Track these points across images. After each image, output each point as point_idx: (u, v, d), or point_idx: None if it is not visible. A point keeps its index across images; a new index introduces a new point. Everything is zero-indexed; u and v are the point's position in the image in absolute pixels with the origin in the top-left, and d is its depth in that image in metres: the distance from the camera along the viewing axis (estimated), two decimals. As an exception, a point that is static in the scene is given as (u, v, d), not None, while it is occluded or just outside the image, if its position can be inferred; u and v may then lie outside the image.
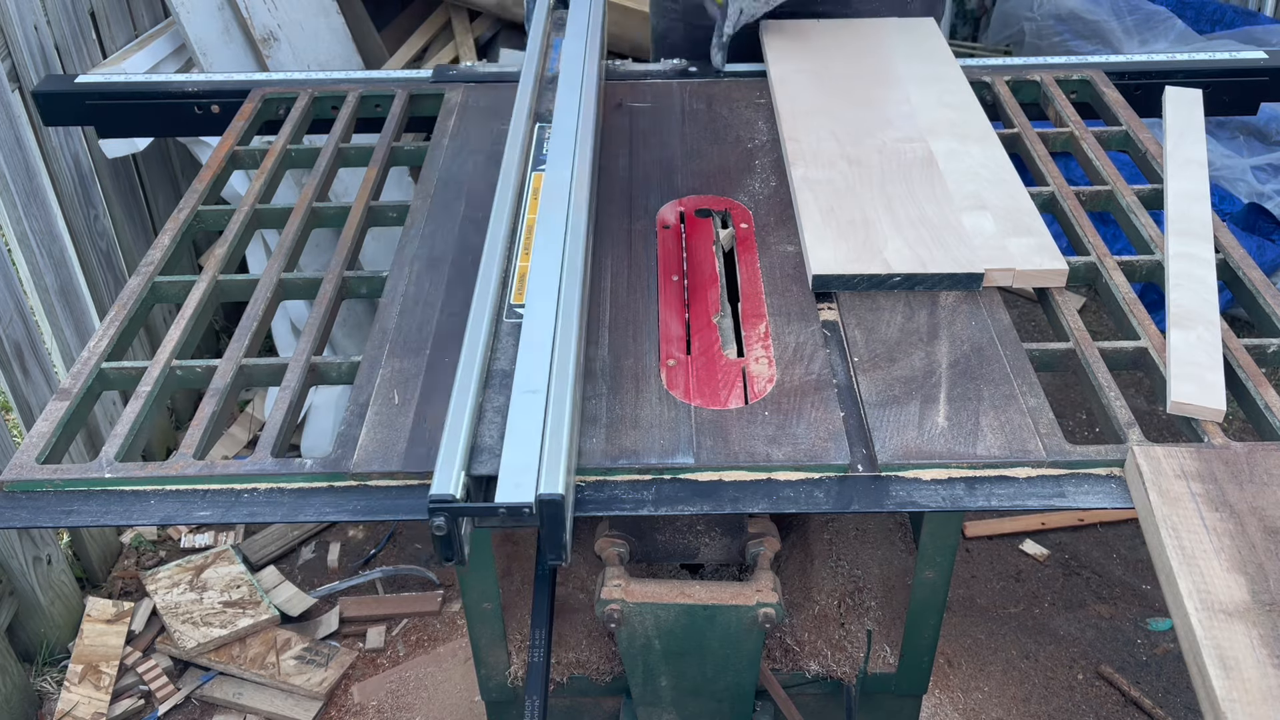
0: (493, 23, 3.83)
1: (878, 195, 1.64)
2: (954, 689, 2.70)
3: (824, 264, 1.50)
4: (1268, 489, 1.18)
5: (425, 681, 2.72)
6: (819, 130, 1.80)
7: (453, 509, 1.12)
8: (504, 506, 1.10)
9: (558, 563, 1.15)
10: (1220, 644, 1.04)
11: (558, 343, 1.29)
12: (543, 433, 1.17)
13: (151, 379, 1.41)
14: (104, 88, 2.12)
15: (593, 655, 1.68)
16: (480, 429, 1.25)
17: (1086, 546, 3.07)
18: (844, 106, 1.88)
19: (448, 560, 1.15)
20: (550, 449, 1.15)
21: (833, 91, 1.92)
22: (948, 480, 1.24)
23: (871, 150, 1.75)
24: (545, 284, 1.38)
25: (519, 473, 1.13)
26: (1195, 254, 1.54)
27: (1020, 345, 1.41)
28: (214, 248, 1.68)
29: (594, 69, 1.85)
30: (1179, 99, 1.88)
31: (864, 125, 1.82)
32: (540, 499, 1.10)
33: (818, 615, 1.69)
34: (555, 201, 1.52)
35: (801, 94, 1.92)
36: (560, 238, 1.45)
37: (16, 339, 2.58)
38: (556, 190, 1.54)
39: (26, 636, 2.69)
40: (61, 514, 1.25)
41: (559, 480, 1.11)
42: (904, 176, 1.68)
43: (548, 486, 1.11)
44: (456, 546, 1.14)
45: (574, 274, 1.39)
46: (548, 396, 1.22)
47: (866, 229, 1.56)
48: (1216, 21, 4.20)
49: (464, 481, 1.15)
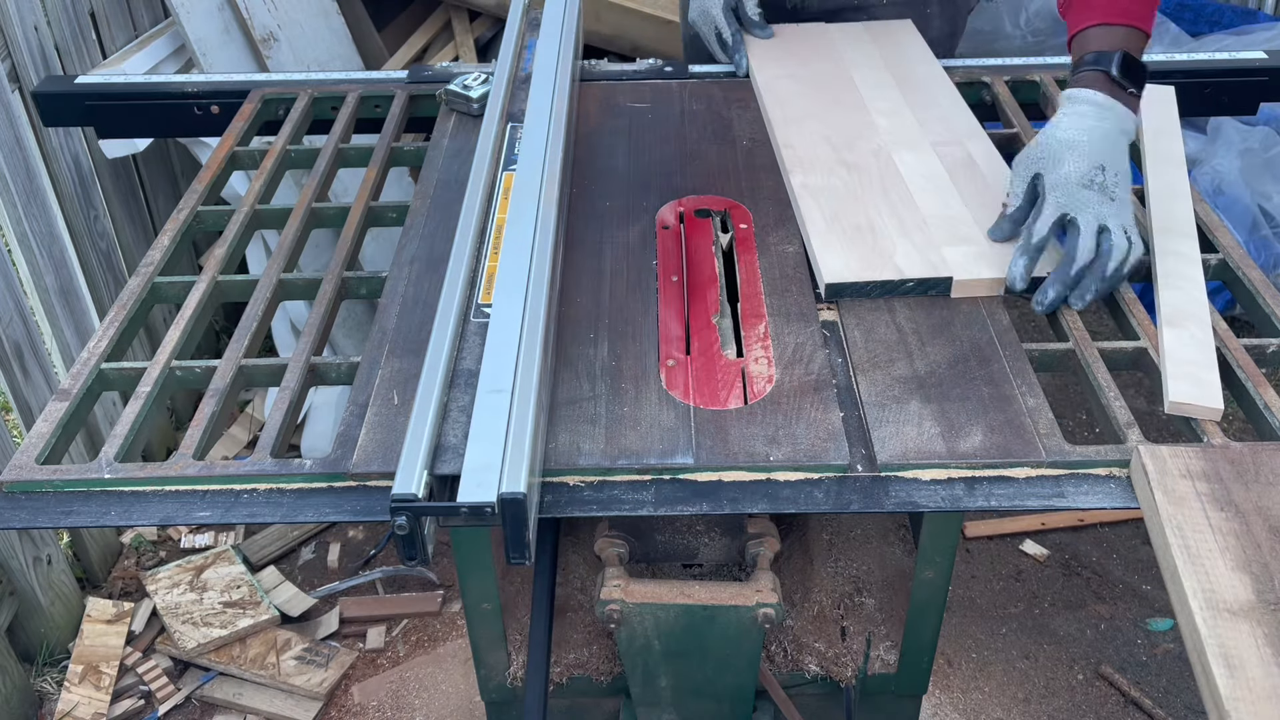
0: (493, 23, 3.83)
1: (879, 200, 1.63)
2: (954, 689, 2.70)
3: (836, 273, 1.49)
4: (1273, 489, 1.18)
5: (425, 682, 2.73)
6: (812, 135, 1.80)
7: (415, 508, 1.12)
8: (466, 506, 1.10)
9: (520, 562, 1.14)
10: (1225, 643, 1.04)
11: (523, 342, 1.28)
12: (506, 432, 1.17)
13: (151, 379, 1.41)
14: (104, 88, 2.12)
15: (593, 655, 1.68)
16: (445, 428, 1.25)
17: (1086, 546, 3.07)
18: (832, 111, 1.88)
19: (410, 560, 1.15)
20: (513, 448, 1.15)
21: (819, 96, 1.92)
22: (947, 480, 1.24)
23: (866, 154, 1.75)
24: (513, 284, 1.38)
25: (482, 472, 1.13)
26: (1182, 251, 1.54)
27: (1020, 345, 1.41)
28: (214, 248, 1.68)
29: (567, 69, 1.85)
30: (1153, 96, 1.88)
31: (854, 129, 1.82)
32: (502, 498, 1.10)
33: (818, 615, 1.69)
34: (525, 201, 1.52)
35: (790, 99, 1.91)
36: (529, 238, 1.45)
37: (16, 339, 2.58)
38: (526, 190, 1.54)
39: (26, 637, 2.69)
40: (61, 514, 1.25)
41: (521, 479, 1.11)
42: (899, 181, 1.67)
43: (510, 485, 1.11)
44: (419, 546, 1.14)
45: (542, 274, 1.39)
46: (512, 396, 1.22)
47: (873, 235, 1.56)
48: (1215, 22, 4.20)
49: (426, 481, 1.15)
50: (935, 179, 1.68)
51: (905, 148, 1.76)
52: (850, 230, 1.57)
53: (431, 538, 1.17)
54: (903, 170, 1.70)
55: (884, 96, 1.91)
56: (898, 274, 1.48)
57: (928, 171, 1.69)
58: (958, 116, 1.86)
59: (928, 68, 2.00)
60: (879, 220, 1.59)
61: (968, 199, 1.63)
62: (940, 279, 1.47)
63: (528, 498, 1.11)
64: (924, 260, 1.50)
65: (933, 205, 1.61)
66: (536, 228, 1.47)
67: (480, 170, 1.62)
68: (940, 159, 1.73)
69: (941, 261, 1.50)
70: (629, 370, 1.38)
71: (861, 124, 1.83)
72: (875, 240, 1.54)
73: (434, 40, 3.79)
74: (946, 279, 1.47)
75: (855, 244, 1.54)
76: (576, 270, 1.57)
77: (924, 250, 1.52)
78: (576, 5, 2.07)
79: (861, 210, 1.61)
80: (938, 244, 1.53)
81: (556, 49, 1.87)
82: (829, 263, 1.51)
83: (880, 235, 1.55)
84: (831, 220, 1.59)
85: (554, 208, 1.52)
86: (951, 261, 1.49)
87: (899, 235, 1.55)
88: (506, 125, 1.81)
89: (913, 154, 1.74)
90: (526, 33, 2.08)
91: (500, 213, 1.61)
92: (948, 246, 1.52)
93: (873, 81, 1.96)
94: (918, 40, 2.10)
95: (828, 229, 1.57)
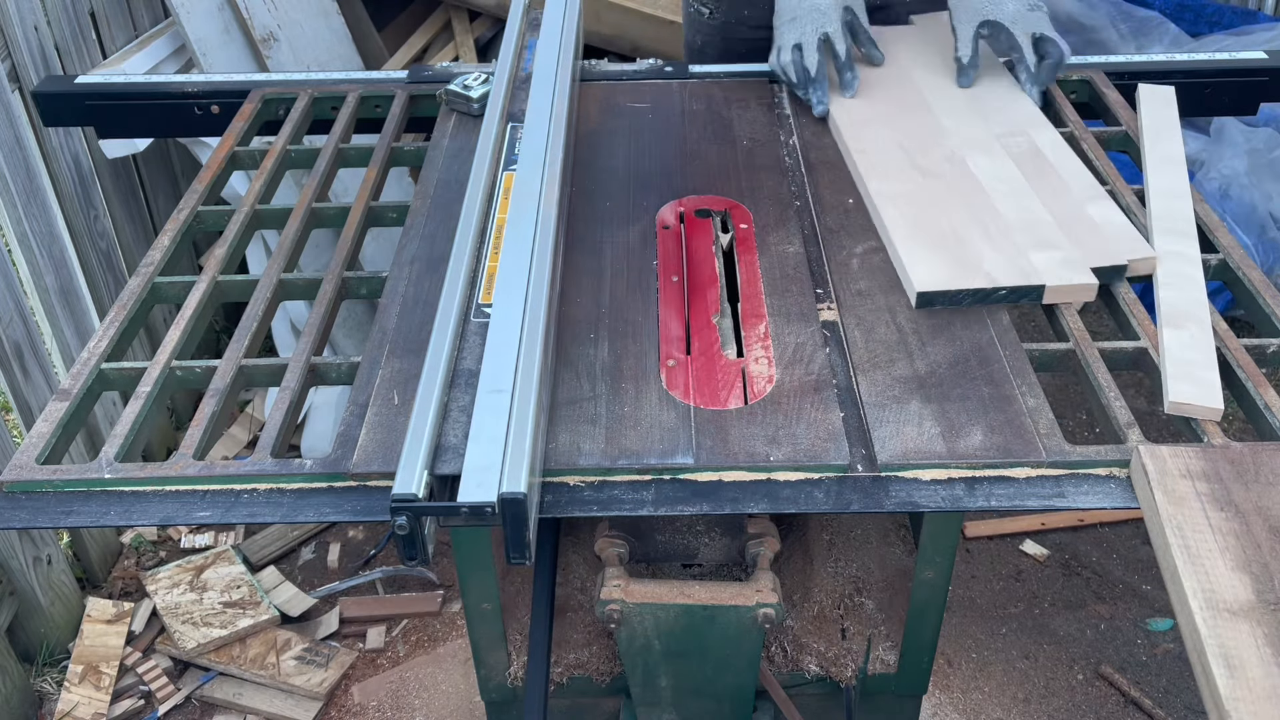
0: (493, 23, 3.83)
1: (959, 206, 1.60)
2: (954, 689, 2.70)
3: (925, 281, 1.46)
4: (1273, 489, 1.18)
5: (425, 682, 2.73)
6: (883, 140, 1.77)
7: (415, 508, 1.12)
8: (466, 506, 1.10)
9: (521, 562, 1.14)
10: (1225, 643, 1.04)
11: (524, 343, 1.28)
12: (506, 432, 1.17)
13: (151, 379, 1.41)
14: (104, 88, 2.12)
15: (593, 655, 1.68)
16: (445, 428, 1.25)
17: (1086, 546, 3.07)
18: (898, 114, 1.84)
19: (411, 560, 1.15)
20: (514, 448, 1.15)
21: (884, 100, 1.88)
22: (947, 480, 1.24)
23: (940, 159, 1.72)
24: (513, 284, 1.38)
25: (482, 472, 1.13)
26: (1182, 252, 1.54)
27: (1020, 345, 1.41)
28: (214, 248, 1.68)
29: (567, 69, 1.85)
30: (1153, 97, 1.88)
31: (924, 133, 1.79)
32: (503, 498, 1.10)
33: (818, 615, 1.69)
34: (525, 201, 1.51)
35: (855, 102, 1.88)
36: (529, 238, 1.45)
37: (16, 339, 2.58)
38: (527, 190, 1.54)
39: (26, 637, 2.69)
40: (61, 514, 1.25)
41: (521, 479, 1.11)
42: (976, 186, 1.64)
43: (510, 485, 1.11)
44: (420, 546, 1.14)
45: (542, 274, 1.39)
46: (513, 396, 1.22)
47: (958, 242, 1.53)
48: (1215, 23, 4.20)
49: (427, 481, 1.15)
50: (1011, 181, 1.65)
51: (977, 151, 1.73)
52: (935, 237, 1.54)
53: (432, 538, 1.17)
54: (978, 174, 1.67)
55: (946, 96, 1.88)
56: (990, 282, 1.45)
57: (1002, 174, 1.67)
58: (1016, 104, 1.84)
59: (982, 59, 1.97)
60: (962, 227, 1.56)
61: (1046, 200, 1.60)
62: (1033, 287, 1.45)
63: (528, 498, 1.11)
64: (1014, 267, 1.47)
65: (1012, 210, 1.59)
66: (537, 228, 1.47)
67: (481, 170, 1.62)
68: (1011, 156, 1.70)
69: (1032, 268, 1.47)
70: (629, 370, 1.38)
71: (930, 128, 1.80)
72: (961, 247, 1.52)
73: (434, 40, 3.79)
74: (1039, 287, 1.45)
75: (941, 252, 1.51)
76: (576, 270, 1.57)
77: (1012, 257, 1.49)
78: (577, 6, 2.07)
79: (944, 217, 1.58)
80: (1024, 250, 1.50)
81: (557, 49, 1.87)
82: (918, 271, 1.48)
83: (965, 242, 1.53)
84: (915, 228, 1.56)
85: (554, 208, 1.51)
86: (1042, 268, 1.47)
87: (984, 242, 1.52)
88: (507, 125, 1.81)
89: (985, 157, 1.71)
90: (527, 33, 2.07)
91: (500, 213, 1.60)
92: (1035, 252, 1.50)
93: (933, 83, 1.92)
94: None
95: (912, 236, 1.54)
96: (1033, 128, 1.78)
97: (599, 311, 1.48)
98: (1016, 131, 1.77)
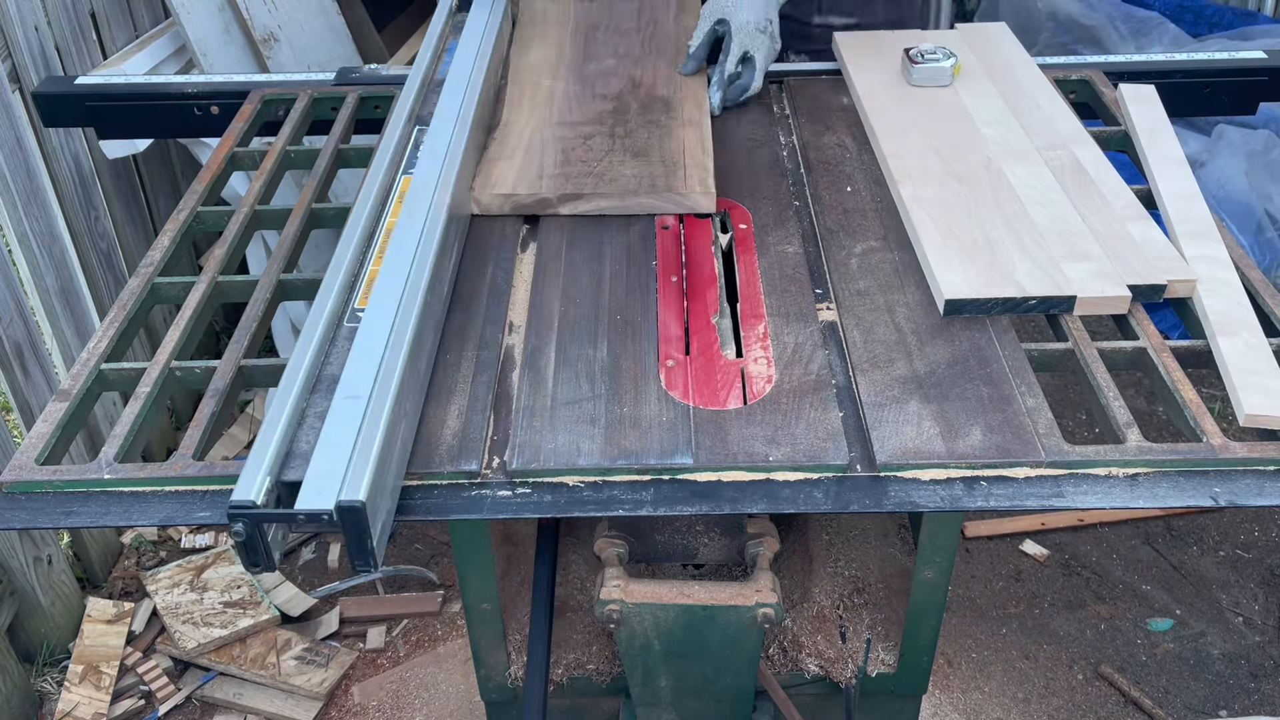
0: (493, 23, 3.82)
1: (993, 214, 1.59)
2: (954, 689, 2.70)
3: (955, 289, 1.45)
4: None
5: (425, 682, 2.73)
6: (918, 145, 1.76)
7: (253, 515, 1.11)
8: (302, 513, 1.09)
9: (365, 569, 1.13)
10: None
11: (388, 349, 1.27)
12: (355, 439, 1.16)
13: (151, 380, 1.41)
14: (104, 89, 2.12)
15: (593, 655, 1.68)
16: (299, 434, 1.24)
17: (1086, 546, 3.07)
18: (935, 120, 1.83)
19: (254, 567, 1.13)
20: (359, 456, 1.13)
21: (920, 106, 1.87)
22: (946, 480, 1.24)
23: (977, 166, 1.70)
24: (389, 289, 1.36)
25: (323, 479, 1.12)
26: (1212, 255, 1.52)
27: (1019, 345, 1.41)
28: (214, 248, 1.68)
29: (481, 74, 1.83)
30: (1137, 96, 1.86)
31: (962, 140, 1.77)
32: (340, 506, 1.09)
33: (817, 615, 1.69)
34: (417, 205, 1.50)
35: (891, 108, 1.86)
36: (414, 243, 1.43)
37: (17, 339, 2.58)
38: (420, 194, 1.52)
39: (27, 637, 2.69)
40: (61, 515, 1.25)
41: (361, 488, 1.10)
42: (1011, 194, 1.63)
43: (349, 494, 1.10)
44: (262, 553, 1.12)
45: (420, 280, 1.37)
46: (368, 403, 1.20)
47: (990, 249, 1.52)
48: (1215, 24, 4.20)
49: (269, 487, 1.14)
50: (1048, 191, 1.63)
51: (1015, 159, 1.71)
52: (966, 244, 1.53)
53: (277, 544, 1.15)
54: (1014, 183, 1.65)
55: (987, 105, 1.86)
56: (1020, 291, 1.44)
57: (1040, 184, 1.65)
58: (1061, 119, 1.82)
59: (1025, 69, 1.96)
60: (995, 234, 1.54)
61: (1083, 212, 1.59)
62: (1064, 297, 1.44)
63: (367, 506, 1.09)
64: (1046, 277, 1.46)
65: (1048, 219, 1.57)
66: (423, 232, 1.45)
67: (377, 172, 1.60)
68: (1050, 168, 1.68)
69: (1064, 279, 1.46)
70: (628, 370, 1.38)
71: (968, 134, 1.78)
72: (993, 255, 1.50)
73: (434, 40, 3.79)
74: (1070, 298, 1.44)
75: (972, 259, 1.50)
76: (576, 270, 1.57)
77: (1045, 267, 1.48)
78: (502, 9, 2.07)
79: (976, 224, 1.57)
80: (1057, 260, 1.49)
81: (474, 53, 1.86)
82: (947, 278, 1.47)
83: (997, 250, 1.51)
84: (947, 234, 1.55)
85: (445, 212, 1.49)
86: (1074, 279, 1.46)
87: (1016, 250, 1.51)
88: (414, 128, 1.79)
89: (1023, 166, 1.69)
90: (449, 35, 2.06)
91: (392, 216, 1.58)
92: (1067, 263, 1.48)
93: (974, 90, 1.90)
94: (1012, 42, 2.06)
95: (943, 242, 1.53)
96: (1075, 143, 1.76)
97: (599, 311, 1.49)
98: (1058, 145, 1.75)
